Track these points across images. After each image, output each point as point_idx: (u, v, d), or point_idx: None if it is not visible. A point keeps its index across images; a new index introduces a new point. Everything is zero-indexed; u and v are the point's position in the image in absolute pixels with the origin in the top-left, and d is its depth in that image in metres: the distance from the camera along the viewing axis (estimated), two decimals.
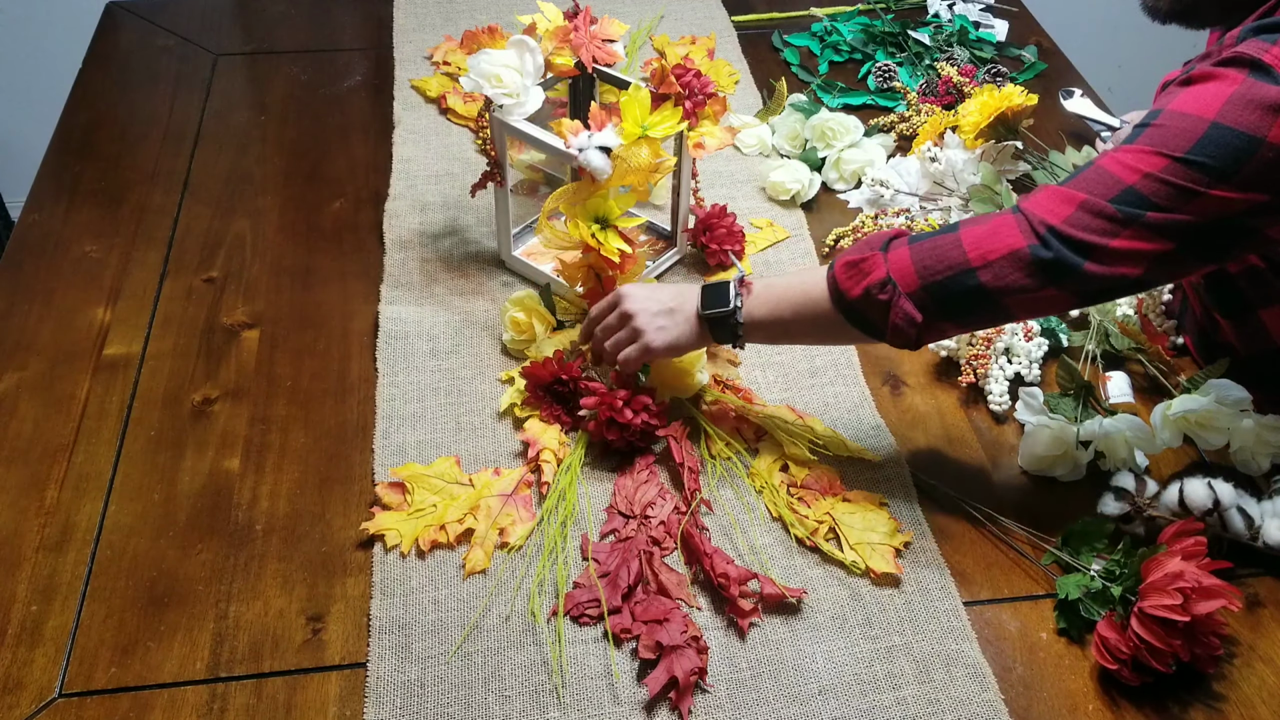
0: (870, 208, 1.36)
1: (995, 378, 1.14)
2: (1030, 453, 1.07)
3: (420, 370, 1.16)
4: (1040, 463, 1.07)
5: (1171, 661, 0.88)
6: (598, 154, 1.08)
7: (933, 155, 1.34)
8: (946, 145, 1.38)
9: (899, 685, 0.90)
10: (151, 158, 1.47)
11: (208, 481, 1.05)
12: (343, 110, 1.56)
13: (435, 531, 0.99)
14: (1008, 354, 1.15)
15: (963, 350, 1.16)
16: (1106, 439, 1.04)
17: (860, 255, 0.95)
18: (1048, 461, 1.06)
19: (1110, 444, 1.04)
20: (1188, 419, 1.04)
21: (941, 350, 1.16)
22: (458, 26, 1.72)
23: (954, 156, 1.35)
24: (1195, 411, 1.03)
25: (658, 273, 1.28)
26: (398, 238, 1.33)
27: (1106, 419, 1.05)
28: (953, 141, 1.38)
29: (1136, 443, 1.04)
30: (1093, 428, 1.04)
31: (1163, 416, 1.04)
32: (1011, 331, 1.14)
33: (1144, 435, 1.03)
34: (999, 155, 1.37)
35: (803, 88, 1.61)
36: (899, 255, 0.93)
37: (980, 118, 1.35)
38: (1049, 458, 1.06)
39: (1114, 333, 1.16)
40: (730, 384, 1.14)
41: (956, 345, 1.15)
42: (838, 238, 1.33)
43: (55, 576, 0.96)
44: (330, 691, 0.89)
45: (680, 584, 0.96)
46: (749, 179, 1.44)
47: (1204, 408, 1.02)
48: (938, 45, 1.65)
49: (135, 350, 1.18)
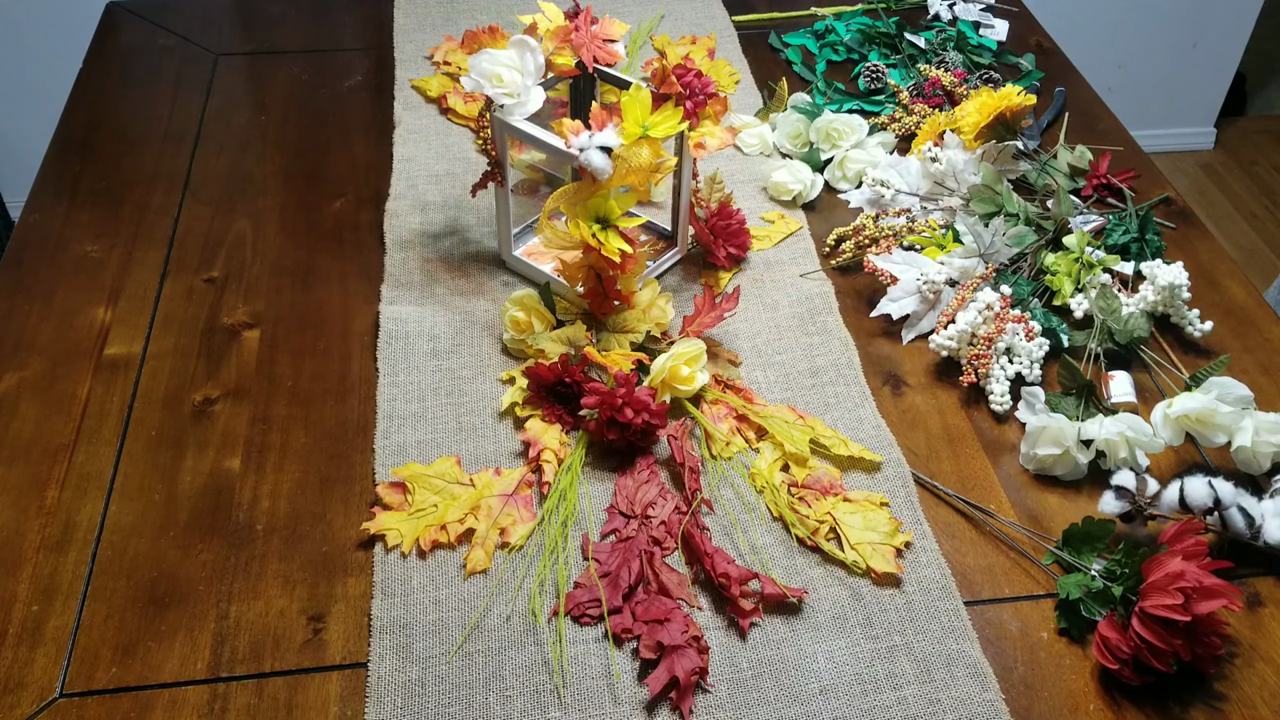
0: (871, 208, 1.36)
1: (996, 377, 1.14)
2: (1031, 452, 1.07)
3: (421, 370, 1.16)
4: (1041, 462, 1.07)
5: (1172, 661, 0.88)
6: (598, 154, 1.08)
7: (933, 155, 1.34)
8: (946, 145, 1.38)
9: (900, 685, 0.91)
10: (152, 158, 1.47)
11: (208, 481, 1.05)
12: (343, 110, 1.56)
13: (436, 531, 1.00)
14: (1009, 354, 1.15)
15: (963, 350, 1.16)
16: (1107, 439, 1.04)
17: None
18: (1049, 461, 1.06)
19: (1111, 443, 1.04)
20: (1188, 417, 1.04)
21: (942, 350, 1.16)
22: (458, 26, 1.72)
23: (955, 157, 1.35)
24: (1195, 410, 1.03)
25: (658, 273, 1.29)
26: (398, 238, 1.33)
27: (1107, 418, 1.05)
28: (952, 141, 1.38)
29: (1137, 442, 1.04)
30: (1094, 427, 1.04)
31: (1163, 415, 1.04)
32: (1013, 331, 1.14)
33: (1145, 434, 1.03)
34: (999, 155, 1.37)
35: (803, 86, 1.61)
36: None
37: (980, 118, 1.35)
38: (1050, 457, 1.06)
39: (1118, 330, 1.16)
40: (730, 384, 1.15)
41: (957, 345, 1.15)
42: (839, 238, 1.33)
43: (56, 576, 0.96)
44: (331, 691, 0.89)
45: (681, 584, 0.96)
46: (749, 179, 1.44)
47: (1204, 406, 1.02)
48: (932, 48, 1.66)
49: (136, 350, 1.18)
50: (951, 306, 1.17)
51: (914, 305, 1.22)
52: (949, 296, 1.21)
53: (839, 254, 1.31)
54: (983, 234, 1.24)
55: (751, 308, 1.25)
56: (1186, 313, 1.20)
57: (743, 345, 1.21)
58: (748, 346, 1.20)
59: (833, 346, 1.20)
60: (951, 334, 1.14)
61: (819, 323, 1.23)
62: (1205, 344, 1.22)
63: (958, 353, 1.17)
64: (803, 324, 1.23)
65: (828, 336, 1.21)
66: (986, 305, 1.14)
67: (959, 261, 1.22)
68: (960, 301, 1.17)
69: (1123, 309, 1.18)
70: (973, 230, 1.25)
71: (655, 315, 1.18)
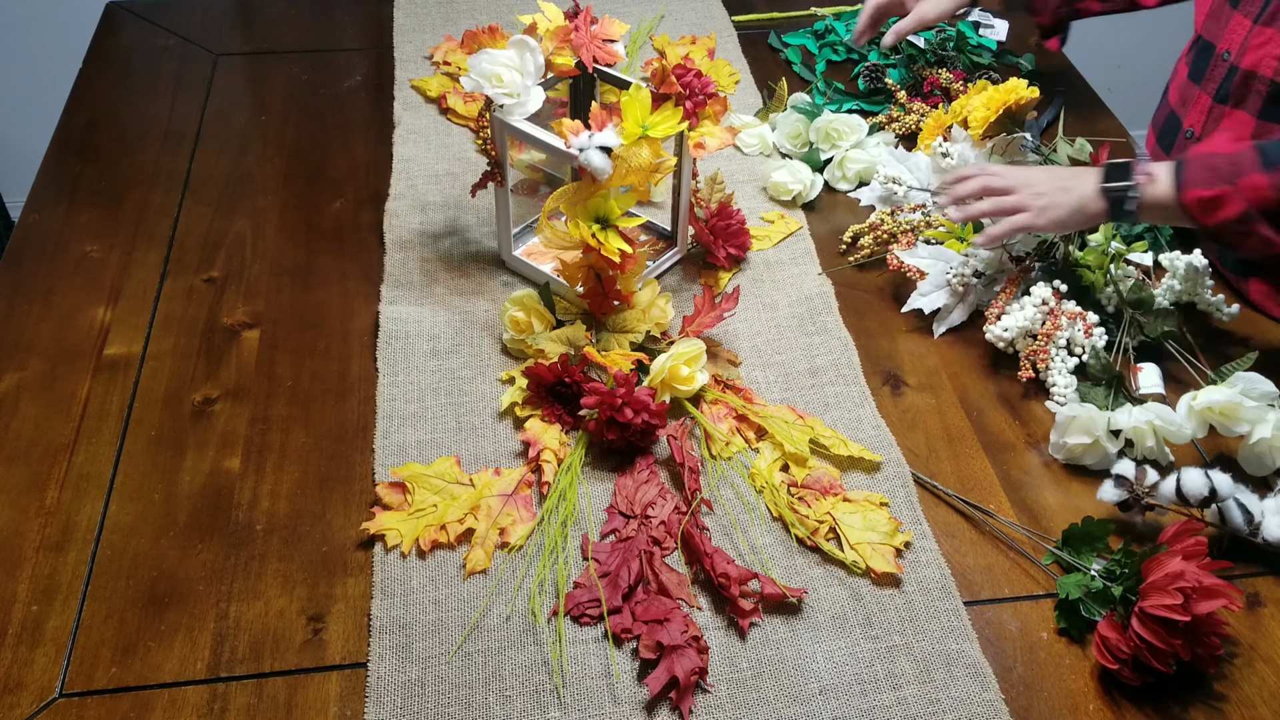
0: (883, 205, 1.36)
1: (1058, 369, 1.14)
2: (1061, 441, 1.07)
3: (420, 370, 1.16)
4: (1071, 451, 1.07)
5: (1172, 661, 0.88)
6: (598, 154, 1.08)
7: (945, 151, 1.35)
8: (954, 140, 1.38)
9: (899, 685, 0.91)
10: (152, 158, 1.47)
11: (208, 481, 1.05)
12: (343, 110, 1.56)
13: (436, 531, 1.00)
14: (1068, 347, 1.16)
15: (1019, 343, 1.16)
16: (1135, 428, 1.04)
17: (1212, 192, 1.02)
18: (1079, 450, 1.07)
19: (1139, 431, 1.05)
20: (1212, 409, 1.04)
21: (998, 343, 1.17)
22: (458, 26, 1.72)
23: (965, 151, 1.35)
24: (1220, 403, 1.03)
25: (658, 273, 1.29)
26: (398, 238, 1.33)
27: (1136, 408, 1.05)
28: (959, 136, 1.39)
29: (1164, 432, 1.04)
30: (1123, 417, 1.05)
31: (1188, 407, 1.04)
32: (1068, 326, 1.15)
33: (1173, 424, 1.04)
34: (1008, 148, 1.37)
35: (803, 86, 1.61)
36: (1253, 183, 0.99)
37: (988, 113, 1.35)
38: (1080, 446, 1.06)
39: (1147, 323, 1.17)
40: (730, 384, 1.14)
41: (1011, 337, 1.16)
42: (855, 235, 1.33)
43: (56, 576, 0.96)
44: (331, 691, 0.89)
45: (681, 584, 0.96)
46: (749, 179, 1.44)
47: (1229, 400, 1.03)
48: (931, 49, 1.65)
49: (135, 350, 1.18)
50: (1001, 301, 1.18)
51: (944, 299, 1.23)
52: (976, 288, 1.22)
53: (857, 250, 1.31)
54: None
55: (751, 308, 1.25)
56: (1211, 299, 1.21)
57: (742, 345, 1.21)
58: (747, 346, 1.20)
59: (832, 346, 1.20)
60: (1006, 326, 1.15)
61: (818, 323, 1.23)
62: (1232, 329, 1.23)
63: (1011, 345, 1.17)
64: (802, 324, 1.23)
65: (827, 336, 1.21)
66: (1042, 300, 1.15)
67: (983, 253, 1.23)
68: (1008, 295, 1.18)
69: (1154, 302, 1.19)
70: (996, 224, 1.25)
71: (655, 315, 1.18)
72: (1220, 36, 1.25)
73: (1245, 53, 1.19)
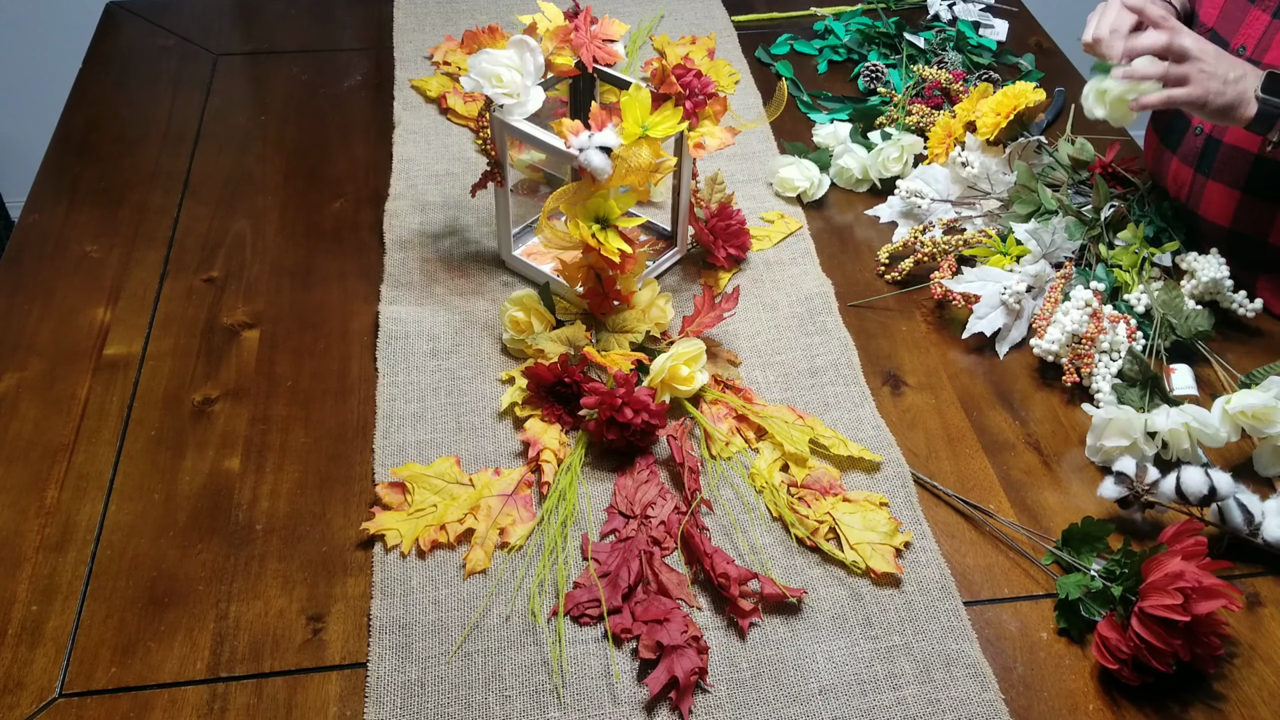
0: (906, 221, 1.36)
1: (1102, 375, 1.14)
2: (1098, 444, 1.07)
3: (420, 370, 1.16)
4: (1108, 454, 1.07)
5: (1172, 661, 0.88)
6: (598, 154, 1.08)
7: (964, 160, 1.34)
8: (968, 148, 1.37)
9: (899, 685, 0.91)
10: (151, 158, 1.47)
11: (208, 481, 1.05)
12: (343, 110, 1.56)
13: (435, 531, 1.00)
14: (1109, 350, 1.15)
15: (1064, 350, 1.16)
16: (1172, 429, 1.04)
17: None
18: (1116, 453, 1.06)
19: (1175, 434, 1.05)
20: (1245, 413, 1.04)
21: (1047, 356, 1.16)
22: (458, 26, 1.72)
23: (986, 160, 1.35)
24: (1255, 407, 1.03)
25: (658, 273, 1.29)
26: (398, 238, 1.33)
27: (1173, 409, 1.05)
28: (972, 143, 1.37)
29: (1201, 434, 1.04)
30: (1160, 418, 1.05)
31: (1222, 411, 1.04)
32: (1111, 330, 1.15)
33: (1210, 426, 1.04)
34: (1024, 152, 1.37)
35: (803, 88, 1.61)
36: None
37: (998, 118, 1.35)
38: (1117, 449, 1.06)
39: (1179, 323, 1.17)
40: (730, 384, 1.14)
41: (1058, 347, 1.15)
42: (891, 255, 1.31)
43: (55, 576, 0.96)
44: (331, 691, 0.89)
45: (680, 584, 0.96)
46: (750, 179, 1.44)
47: (1264, 404, 1.03)
48: (932, 49, 1.65)
49: (135, 350, 1.18)
50: (1047, 310, 1.17)
51: (1001, 319, 1.21)
52: (1030, 304, 1.22)
53: (895, 271, 1.29)
54: (1043, 235, 1.25)
55: (751, 308, 1.25)
56: (1233, 295, 1.21)
57: (742, 345, 1.21)
58: (747, 346, 1.20)
59: (832, 346, 1.20)
60: (1055, 337, 1.14)
61: (818, 323, 1.23)
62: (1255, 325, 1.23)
63: (1058, 354, 1.16)
64: (802, 324, 1.23)
65: (827, 336, 1.21)
66: (1085, 303, 1.14)
67: (1030, 268, 1.22)
68: (1053, 304, 1.17)
69: (1185, 304, 1.19)
70: (1034, 235, 1.25)
71: (655, 315, 1.18)
72: (1235, 32, 1.24)
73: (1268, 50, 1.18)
